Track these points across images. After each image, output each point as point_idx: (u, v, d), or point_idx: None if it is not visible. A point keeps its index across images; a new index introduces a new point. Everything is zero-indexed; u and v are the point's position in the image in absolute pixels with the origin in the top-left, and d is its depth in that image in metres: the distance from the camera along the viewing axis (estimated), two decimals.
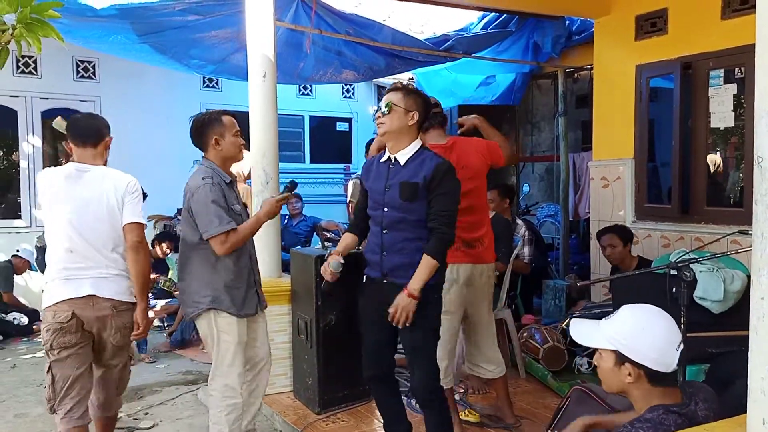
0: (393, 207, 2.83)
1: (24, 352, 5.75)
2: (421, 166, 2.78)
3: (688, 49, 4.81)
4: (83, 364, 2.97)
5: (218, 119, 3.02)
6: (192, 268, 3.01)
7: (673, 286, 2.82)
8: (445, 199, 2.75)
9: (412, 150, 2.84)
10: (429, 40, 6.35)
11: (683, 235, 4.85)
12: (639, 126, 5.22)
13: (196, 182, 2.93)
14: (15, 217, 7.29)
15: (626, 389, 1.90)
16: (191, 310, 3.02)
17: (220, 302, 2.97)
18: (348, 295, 3.89)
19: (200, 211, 2.88)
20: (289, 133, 8.61)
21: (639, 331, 1.84)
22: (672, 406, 1.83)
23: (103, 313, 2.93)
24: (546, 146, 8.56)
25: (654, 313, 1.89)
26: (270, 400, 4.13)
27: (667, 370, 1.81)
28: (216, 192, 2.89)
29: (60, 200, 2.96)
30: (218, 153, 3.00)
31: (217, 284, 2.97)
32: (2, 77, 6.74)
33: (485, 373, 3.60)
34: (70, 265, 2.92)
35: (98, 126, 3.12)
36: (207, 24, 5.24)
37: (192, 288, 3.00)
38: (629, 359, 1.83)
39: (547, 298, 6.17)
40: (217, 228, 2.86)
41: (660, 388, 1.84)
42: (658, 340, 1.82)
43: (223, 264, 2.97)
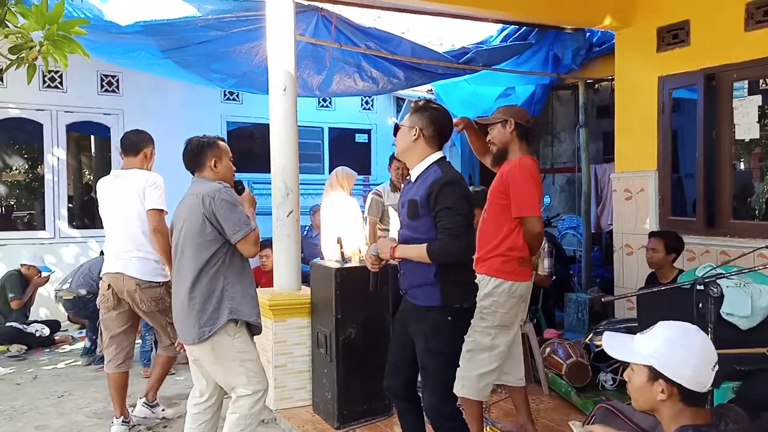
0: (405, 225, 2.88)
1: (46, 363, 5.80)
2: (423, 183, 2.78)
3: (711, 61, 4.75)
4: (122, 325, 3.94)
5: (216, 143, 3.13)
6: (204, 285, 2.93)
7: (699, 302, 2.76)
8: (448, 213, 2.67)
9: (422, 166, 2.84)
10: (448, 52, 6.35)
11: (709, 249, 4.77)
12: (662, 137, 5.15)
13: (212, 186, 2.96)
14: (39, 228, 7.39)
15: (656, 407, 1.85)
16: (207, 329, 2.91)
17: (240, 312, 2.96)
18: (368, 307, 3.91)
19: (228, 212, 2.90)
20: (308, 144, 8.64)
21: (675, 348, 1.79)
22: (701, 426, 1.78)
23: (130, 288, 3.79)
24: (567, 157, 8.51)
25: (691, 331, 1.84)
26: (289, 414, 4.12)
27: (701, 390, 1.77)
28: (234, 195, 3.01)
29: (103, 199, 3.96)
30: (215, 175, 3.08)
31: (235, 293, 2.96)
32: (29, 91, 6.88)
33: (515, 381, 3.61)
34: (110, 248, 3.93)
35: (137, 140, 4.01)
36: (229, 39, 5.29)
37: (207, 304, 2.93)
38: (663, 376, 1.78)
39: (570, 312, 6.10)
40: (249, 225, 2.92)
41: (691, 408, 1.80)
42: (695, 357, 1.77)
43: (236, 271, 2.99)
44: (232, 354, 2.97)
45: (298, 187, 4.34)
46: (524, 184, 3.29)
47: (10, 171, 8.33)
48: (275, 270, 4.41)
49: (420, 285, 2.78)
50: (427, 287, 2.75)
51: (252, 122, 8.35)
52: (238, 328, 2.98)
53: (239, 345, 2.98)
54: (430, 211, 2.72)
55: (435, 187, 2.69)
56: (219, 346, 2.95)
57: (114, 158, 7.59)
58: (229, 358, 2.98)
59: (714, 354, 1.81)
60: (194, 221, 2.92)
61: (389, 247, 2.83)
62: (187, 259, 2.97)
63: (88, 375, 5.37)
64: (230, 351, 2.97)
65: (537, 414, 4.05)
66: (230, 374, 3.01)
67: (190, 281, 2.94)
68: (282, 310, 4.16)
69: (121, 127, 7.53)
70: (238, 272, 2.99)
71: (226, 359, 2.98)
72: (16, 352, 5.98)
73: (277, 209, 4.30)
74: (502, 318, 3.35)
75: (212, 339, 2.93)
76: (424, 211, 2.73)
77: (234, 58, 5.59)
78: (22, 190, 8.48)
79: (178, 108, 7.49)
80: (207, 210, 2.89)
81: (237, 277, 2.98)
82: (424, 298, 2.77)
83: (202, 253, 2.92)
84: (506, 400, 4.12)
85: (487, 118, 3.58)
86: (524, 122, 3.44)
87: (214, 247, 2.92)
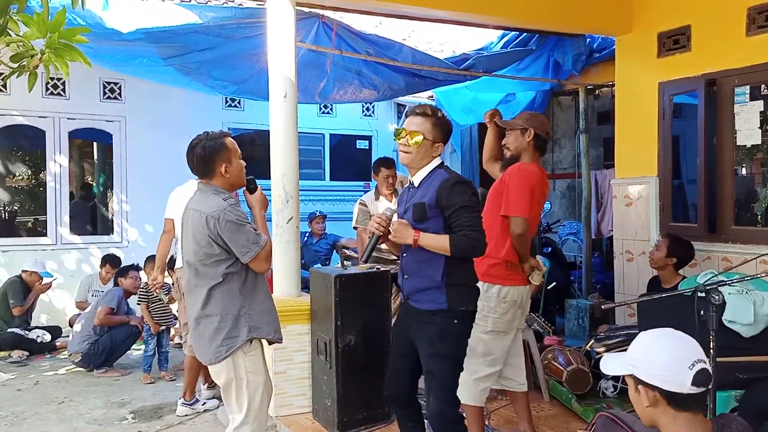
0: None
1: (47, 369, 5.80)
2: (429, 186, 2.80)
3: (712, 66, 4.75)
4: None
5: (223, 144, 2.87)
6: (219, 303, 2.78)
7: (701, 309, 2.74)
8: (465, 211, 2.70)
9: (426, 171, 2.86)
10: (449, 59, 6.37)
11: (710, 255, 4.75)
12: (663, 143, 5.15)
13: (217, 204, 2.74)
14: (41, 234, 7.40)
15: (654, 419, 1.84)
16: (224, 348, 2.77)
17: (259, 330, 2.83)
18: (368, 314, 3.91)
19: (236, 233, 2.71)
20: (309, 151, 8.66)
21: (646, 350, 1.81)
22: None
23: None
24: (567, 163, 8.50)
25: (664, 333, 1.84)
26: (289, 420, 4.11)
27: (682, 390, 1.73)
28: (241, 211, 2.79)
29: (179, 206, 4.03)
30: (226, 180, 2.87)
31: (252, 310, 2.82)
32: (31, 98, 6.88)
33: (517, 386, 3.61)
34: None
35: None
36: (230, 46, 5.31)
37: (224, 323, 2.78)
38: (641, 380, 1.79)
39: (570, 318, 6.08)
40: (258, 244, 2.75)
41: (686, 413, 1.77)
42: (664, 356, 1.77)
43: (252, 287, 2.84)
44: (239, 375, 2.84)
45: (298, 194, 4.34)
46: (518, 186, 3.30)
47: (13, 177, 8.35)
48: (275, 277, 4.40)
49: (426, 289, 2.78)
50: (432, 291, 2.75)
51: (253, 129, 8.37)
52: (252, 347, 2.85)
53: (248, 365, 2.84)
54: (440, 212, 2.73)
55: (445, 187, 2.72)
56: (232, 365, 2.83)
57: (115, 165, 7.61)
58: (236, 380, 2.85)
59: (692, 353, 1.77)
60: (201, 241, 2.76)
61: (411, 235, 2.73)
62: (198, 276, 2.83)
63: (89, 381, 5.37)
64: (237, 371, 2.83)
65: (537, 421, 4.03)
66: (233, 395, 2.89)
67: (203, 299, 2.80)
68: (282, 316, 4.06)
69: (124, 133, 7.57)
70: (252, 287, 2.84)
71: (233, 381, 2.85)
72: (17, 357, 5.98)
73: (276, 216, 4.30)
74: (494, 323, 3.34)
75: (229, 358, 2.80)
76: (432, 213, 2.74)
77: (235, 65, 5.61)
78: (25, 197, 8.51)
79: (179, 115, 7.51)
80: (212, 232, 2.72)
81: (252, 293, 2.84)
82: (430, 301, 2.77)
83: (214, 273, 2.77)
84: (507, 407, 4.11)
85: (508, 122, 3.60)
86: (544, 134, 3.47)
87: (225, 264, 2.77)
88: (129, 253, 7.34)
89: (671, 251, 4.37)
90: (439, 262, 2.74)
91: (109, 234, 7.74)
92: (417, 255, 2.80)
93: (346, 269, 4.05)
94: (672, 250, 4.37)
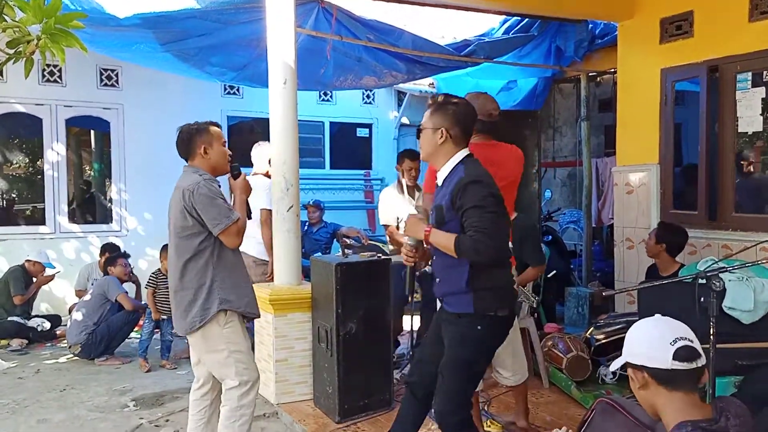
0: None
1: (48, 357, 5.81)
2: (448, 186, 2.66)
3: (714, 52, 4.72)
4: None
5: (206, 129, 3.07)
6: (193, 276, 2.96)
7: (701, 296, 2.74)
8: (476, 211, 2.54)
9: (448, 168, 2.72)
10: (450, 45, 6.32)
11: (710, 243, 4.75)
12: (664, 130, 5.13)
13: (193, 179, 2.93)
14: (40, 223, 7.39)
15: (651, 403, 1.87)
16: (197, 319, 2.95)
17: (230, 302, 2.97)
18: (368, 303, 3.91)
19: (208, 206, 2.88)
20: (309, 139, 8.62)
21: (632, 336, 1.91)
22: (701, 422, 1.77)
23: (248, 263, 3.73)
24: (568, 151, 8.48)
25: (651, 318, 1.92)
26: (290, 408, 4.12)
27: (664, 366, 1.78)
28: (214, 185, 2.96)
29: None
30: (207, 161, 3.05)
31: (224, 284, 2.97)
32: (27, 86, 6.85)
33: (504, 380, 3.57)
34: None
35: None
36: (228, 32, 5.26)
37: (198, 296, 2.95)
38: (630, 363, 1.87)
39: (570, 306, 6.10)
40: (229, 218, 2.90)
41: (679, 393, 1.79)
42: (646, 335, 1.86)
43: (225, 262, 2.99)
44: (221, 344, 2.99)
45: (298, 182, 4.32)
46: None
47: (10, 165, 8.32)
48: (276, 265, 4.40)
49: (453, 293, 2.72)
50: (460, 295, 2.68)
51: (252, 116, 8.32)
52: (228, 318, 2.99)
53: (228, 335, 2.99)
54: (456, 214, 2.61)
55: (458, 188, 2.59)
56: (209, 336, 2.99)
57: (113, 153, 7.57)
58: (219, 348, 3.00)
59: (676, 332, 1.82)
60: (177, 215, 2.95)
61: (422, 229, 2.70)
62: (175, 251, 3.01)
63: (90, 369, 5.38)
64: (220, 341, 2.99)
65: (537, 407, 4.05)
66: (220, 364, 3.04)
67: (179, 273, 2.98)
68: (283, 305, 4.16)
69: (121, 121, 7.52)
70: (226, 263, 2.99)
71: (216, 349, 3.01)
72: (17, 346, 5.98)
73: (277, 204, 4.29)
74: None
75: (203, 329, 2.97)
76: (450, 215, 2.63)
77: (234, 51, 5.57)
78: (23, 185, 8.48)
79: (178, 103, 7.46)
80: (187, 204, 2.90)
81: (226, 268, 2.99)
82: (457, 304, 2.71)
83: (188, 246, 2.95)
84: (507, 394, 4.11)
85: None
86: (485, 116, 3.21)
87: (198, 238, 2.93)
88: (128, 241, 7.33)
89: (659, 238, 4.36)
90: (464, 267, 2.63)
91: (108, 223, 7.72)
92: (444, 259, 2.72)
93: (346, 257, 4.04)
94: (660, 236, 4.37)
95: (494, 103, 3.32)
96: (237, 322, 3.03)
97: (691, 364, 1.78)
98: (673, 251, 4.38)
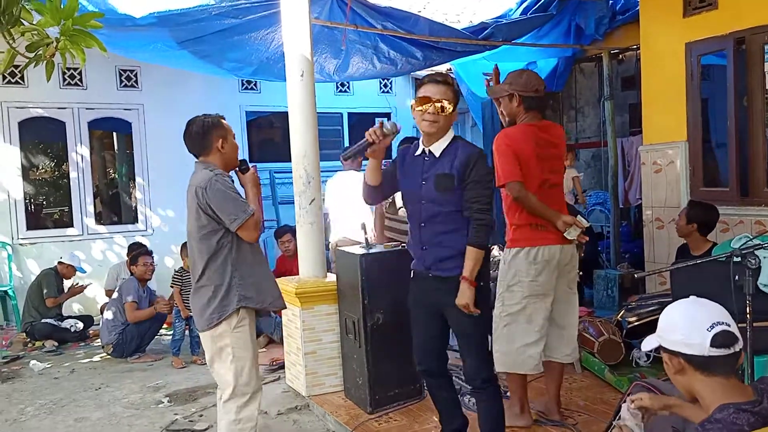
0: (430, 200, 2.84)
1: (82, 356, 5.90)
2: (454, 157, 2.80)
3: (740, 24, 4.59)
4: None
5: (220, 122, 3.00)
6: (213, 274, 2.90)
7: (736, 274, 2.67)
8: (478, 186, 2.76)
9: (446, 140, 2.86)
10: (467, 29, 6.24)
11: (743, 219, 4.64)
12: (691, 107, 5.00)
13: (205, 176, 2.86)
14: (68, 225, 7.49)
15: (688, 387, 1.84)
16: (216, 315, 2.89)
17: (250, 299, 2.92)
18: (395, 293, 3.88)
19: (222, 201, 2.82)
20: (328, 131, 8.60)
21: (666, 320, 1.88)
22: (743, 404, 1.73)
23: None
24: (591, 132, 8.35)
25: (684, 300, 1.88)
26: (321, 400, 4.13)
27: (702, 353, 1.75)
28: (227, 180, 2.90)
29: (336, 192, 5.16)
30: (222, 156, 2.98)
31: (244, 280, 2.91)
32: (49, 90, 6.93)
33: (562, 357, 3.52)
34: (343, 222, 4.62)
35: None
36: (244, 27, 5.25)
37: (217, 293, 2.89)
38: (665, 348, 1.85)
39: (599, 289, 6.01)
40: (246, 212, 2.83)
41: (717, 378, 1.76)
42: (681, 321, 1.82)
43: (244, 258, 2.93)
44: (227, 347, 2.92)
45: (319, 175, 4.30)
46: (500, 155, 3.27)
47: (36, 170, 8.45)
48: (300, 258, 4.39)
49: (450, 257, 2.81)
50: (458, 257, 2.78)
51: (271, 111, 8.33)
52: (240, 321, 2.92)
53: (236, 339, 2.91)
54: (462, 182, 2.76)
55: (472, 159, 2.76)
56: (219, 335, 2.92)
57: (135, 153, 7.64)
58: (225, 351, 2.92)
59: (712, 315, 1.79)
60: (193, 214, 2.90)
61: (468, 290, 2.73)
62: (194, 251, 2.96)
63: (124, 367, 5.46)
64: (226, 342, 2.91)
65: (570, 393, 4.00)
66: (221, 368, 2.96)
67: (199, 272, 2.93)
68: (309, 297, 4.16)
69: (142, 121, 7.59)
70: (245, 258, 2.94)
71: (221, 352, 2.94)
72: (51, 347, 6.09)
73: (299, 197, 4.27)
74: (530, 287, 3.28)
75: (216, 327, 2.90)
76: (458, 183, 2.77)
77: (250, 45, 5.56)
78: (49, 189, 8.62)
79: (197, 100, 7.47)
80: (201, 201, 2.84)
81: (245, 264, 2.93)
82: (456, 267, 2.78)
83: (207, 245, 2.88)
84: (539, 379, 4.06)
85: (494, 91, 3.52)
86: (531, 92, 3.32)
87: (216, 237, 2.87)
88: (154, 240, 7.42)
89: (691, 217, 4.28)
90: (463, 230, 2.78)
91: (133, 222, 7.81)
92: (438, 226, 2.83)
93: (370, 248, 4.02)
94: (691, 216, 4.29)
95: (539, 79, 3.42)
96: (247, 327, 2.95)
97: (728, 350, 1.74)
98: (705, 230, 4.29)
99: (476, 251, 2.74)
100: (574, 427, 3.48)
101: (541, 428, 3.52)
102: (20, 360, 5.76)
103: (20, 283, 6.96)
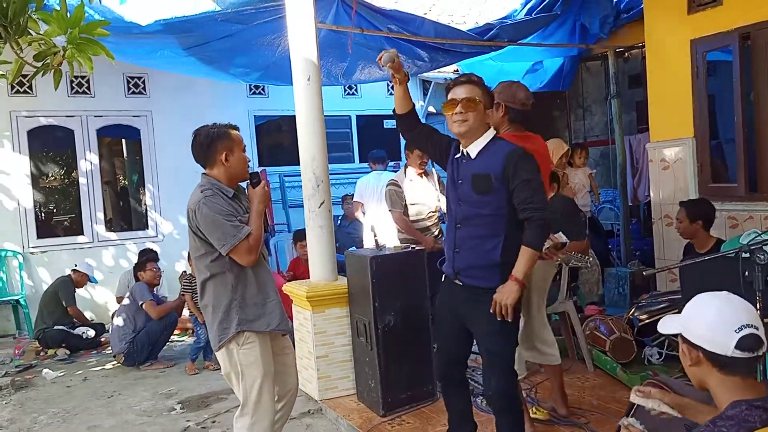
0: (467, 201, 2.77)
1: (94, 364, 5.93)
2: (492, 157, 2.71)
3: (745, 19, 4.57)
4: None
5: (227, 134, 2.83)
6: (211, 295, 2.82)
7: (746, 270, 2.67)
8: (527, 186, 2.64)
9: (484, 141, 2.77)
10: (472, 30, 6.24)
11: (752, 215, 4.61)
12: (698, 103, 4.99)
13: (196, 197, 2.77)
14: (78, 233, 7.54)
15: (701, 379, 1.81)
16: (217, 339, 2.82)
17: (250, 324, 2.80)
18: (405, 294, 3.89)
19: (211, 227, 2.71)
20: (336, 134, 8.62)
21: (694, 310, 1.82)
22: (755, 401, 1.72)
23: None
24: (599, 130, 8.33)
25: (715, 295, 1.82)
26: (334, 403, 4.13)
27: (725, 353, 1.71)
28: (217, 201, 2.74)
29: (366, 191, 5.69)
30: (226, 170, 2.82)
31: (245, 303, 2.81)
32: (57, 99, 6.98)
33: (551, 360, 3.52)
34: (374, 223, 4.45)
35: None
36: (250, 32, 5.27)
37: (216, 315, 2.81)
38: (686, 339, 1.80)
39: (610, 287, 5.99)
40: (236, 236, 2.70)
41: (733, 377, 1.73)
42: (709, 317, 1.76)
43: (245, 279, 2.81)
44: (236, 366, 2.84)
45: (328, 178, 4.31)
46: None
47: (46, 178, 8.50)
48: (310, 261, 4.40)
49: (482, 266, 2.72)
50: (489, 268, 2.70)
51: (280, 115, 8.36)
52: (245, 341, 2.81)
53: (242, 358, 2.82)
54: (505, 184, 2.66)
55: (513, 158, 2.66)
56: (227, 355, 2.84)
57: (144, 160, 7.69)
58: (234, 369, 2.85)
59: (742, 317, 1.73)
60: (190, 234, 2.83)
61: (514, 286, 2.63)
62: (196, 270, 2.91)
63: (136, 374, 5.47)
64: (233, 362, 2.84)
65: (582, 392, 3.99)
66: (233, 385, 2.91)
67: (201, 291, 2.88)
68: (320, 301, 4.16)
69: (150, 128, 7.63)
70: (247, 280, 2.82)
71: (232, 369, 2.87)
72: (63, 355, 6.12)
73: (308, 201, 4.29)
74: None
75: (223, 348, 2.83)
76: (498, 184, 2.67)
77: (256, 50, 5.58)
78: (59, 197, 8.67)
79: (205, 106, 7.54)
80: (192, 225, 2.76)
81: (246, 286, 2.82)
82: (483, 278, 2.72)
83: (204, 265, 2.81)
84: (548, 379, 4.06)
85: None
86: (517, 105, 3.23)
87: (209, 258, 2.78)
88: (164, 246, 7.45)
89: (693, 216, 4.25)
90: (499, 238, 2.69)
91: (143, 229, 7.85)
92: (474, 229, 2.75)
93: (381, 250, 4.02)
94: (693, 214, 4.25)
95: (527, 92, 3.32)
96: (257, 344, 2.82)
97: (752, 354, 1.70)
98: (709, 224, 4.28)
99: (531, 252, 2.64)
100: (586, 426, 3.47)
101: (553, 427, 3.51)
102: (33, 369, 5.79)
103: (32, 291, 7.00)
